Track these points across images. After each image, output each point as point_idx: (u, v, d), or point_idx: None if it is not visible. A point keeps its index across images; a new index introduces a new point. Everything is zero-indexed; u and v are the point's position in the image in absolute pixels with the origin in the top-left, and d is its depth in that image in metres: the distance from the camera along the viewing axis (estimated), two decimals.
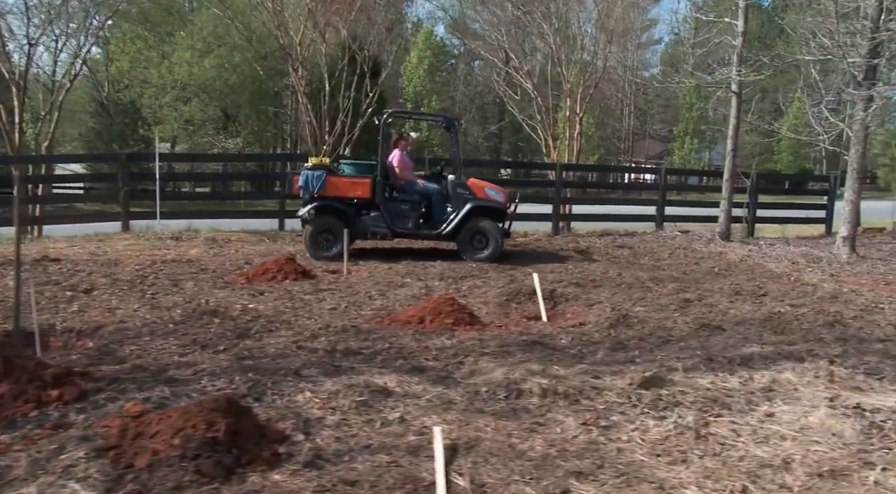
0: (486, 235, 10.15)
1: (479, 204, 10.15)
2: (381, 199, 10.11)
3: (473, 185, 10.30)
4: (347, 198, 10.11)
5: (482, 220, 10.15)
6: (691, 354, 5.37)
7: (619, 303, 7.52)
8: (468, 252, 10.19)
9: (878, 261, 11.60)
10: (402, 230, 10.28)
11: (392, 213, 10.17)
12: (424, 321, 6.37)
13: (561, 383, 4.53)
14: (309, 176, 10.03)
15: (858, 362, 5.22)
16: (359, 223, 10.11)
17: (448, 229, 10.14)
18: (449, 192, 10.24)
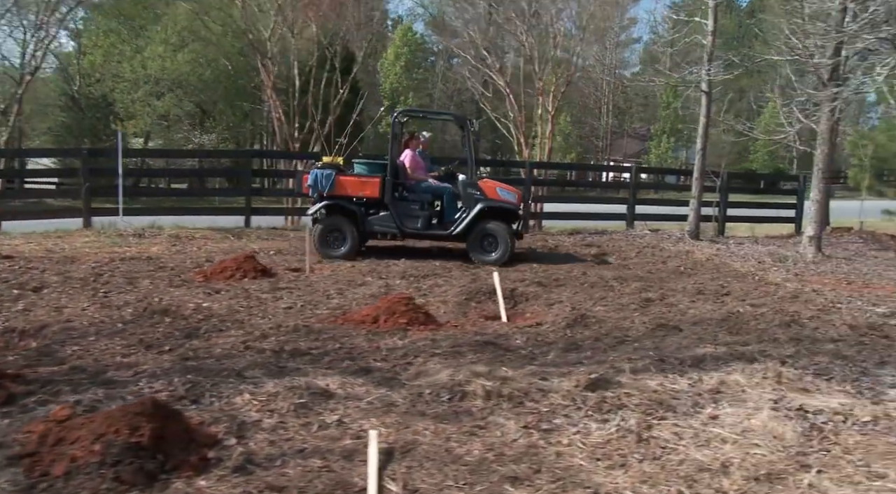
0: (496, 237, 9.90)
1: (489, 204, 9.93)
2: (391, 199, 9.95)
3: (485, 186, 10.10)
4: (357, 197, 9.98)
5: (493, 222, 9.93)
6: (644, 355, 5.33)
7: (580, 303, 7.48)
8: (477, 254, 9.96)
9: (843, 261, 11.66)
10: (412, 230, 10.08)
11: (401, 213, 10.00)
12: (378, 320, 6.27)
13: (507, 385, 4.46)
14: (318, 174, 9.94)
15: (809, 363, 5.20)
16: (368, 223, 9.99)
17: (458, 230, 9.94)
18: (460, 193, 10.05)
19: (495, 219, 9.96)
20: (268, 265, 9.23)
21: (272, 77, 15.24)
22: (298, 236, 12.14)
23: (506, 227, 9.95)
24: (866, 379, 4.93)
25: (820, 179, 11.75)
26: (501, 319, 6.90)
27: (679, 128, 37.37)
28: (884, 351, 5.68)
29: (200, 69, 26.68)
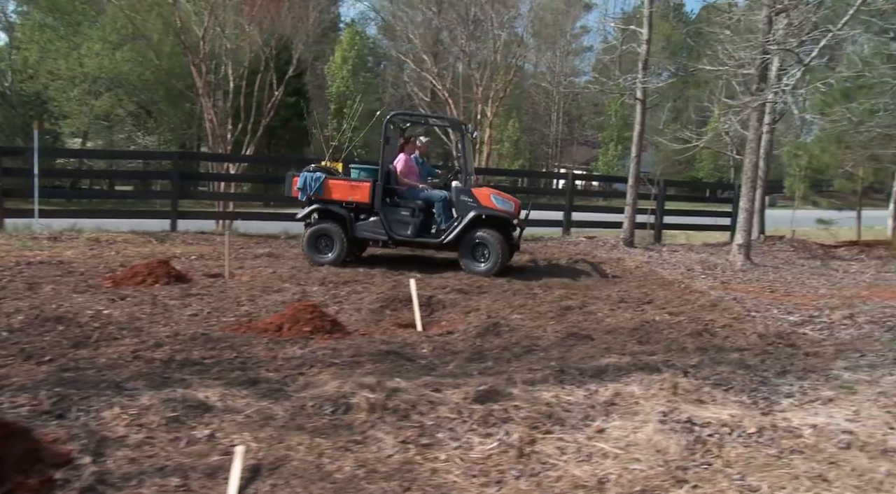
0: (488, 247, 9.54)
1: (482, 213, 9.59)
2: (381, 205, 9.68)
3: (479, 193, 9.76)
4: (346, 202, 9.73)
5: (485, 231, 9.56)
6: (546, 365, 5.21)
7: (498, 311, 7.36)
8: (468, 263, 9.62)
9: (770, 269, 11.79)
10: (401, 237, 9.76)
11: (391, 220, 9.71)
12: (282, 329, 6.06)
13: (395, 397, 4.30)
14: (307, 178, 9.69)
15: (711, 372, 5.14)
16: (356, 229, 9.72)
17: (449, 238, 9.62)
18: (453, 200, 9.74)
19: (489, 227, 9.62)
20: (185, 270, 8.95)
21: (204, 78, 14.85)
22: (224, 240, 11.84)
23: (499, 237, 9.56)
24: (764, 388, 4.89)
25: (749, 188, 11.86)
26: (417, 327, 6.77)
27: (627, 136, 37.67)
28: (787, 361, 5.67)
29: (141, 69, 25.97)
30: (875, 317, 7.49)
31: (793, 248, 15.35)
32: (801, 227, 22.12)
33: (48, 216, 11.85)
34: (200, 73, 14.66)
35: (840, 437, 3.89)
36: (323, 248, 9.81)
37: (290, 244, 12.03)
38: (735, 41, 10.67)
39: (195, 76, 14.64)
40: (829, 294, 9.57)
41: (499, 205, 9.68)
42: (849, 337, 6.72)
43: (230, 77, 15.73)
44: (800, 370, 5.41)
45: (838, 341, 6.53)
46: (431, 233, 9.83)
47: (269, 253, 10.75)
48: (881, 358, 5.80)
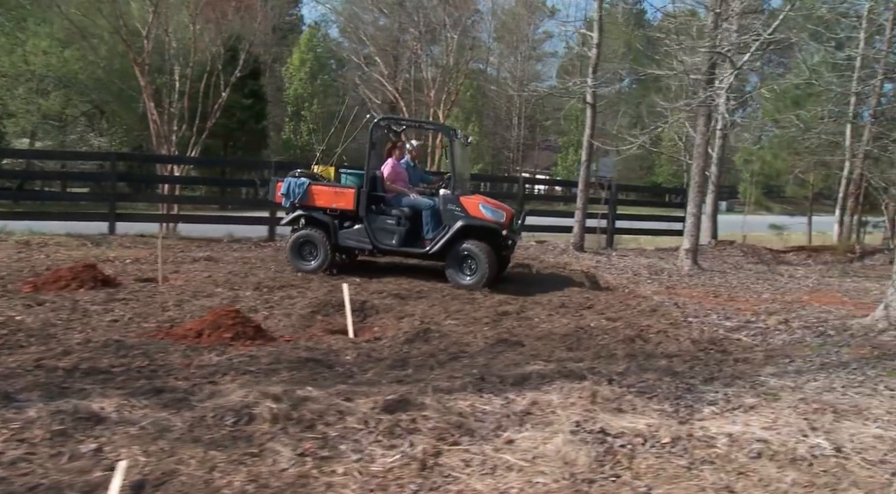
0: (475, 259, 9.04)
1: (470, 223, 9.10)
2: (365, 212, 9.31)
3: (467, 202, 9.25)
4: (330, 208, 9.39)
5: (473, 242, 9.06)
6: (468, 373, 5.07)
7: (432, 316, 7.21)
8: (454, 275, 9.13)
9: (717, 274, 11.82)
10: (386, 247, 9.37)
11: (376, 228, 9.33)
12: (202, 335, 5.84)
13: (302, 406, 4.11)
14: (291, 183, 9.36)
15: (637, 380, 5.04)
16: (340, 236, 9.37)
17: (434, 249, 9.16)
18: (440, 209, 9.30)
19: (477, 238, 9.13)
20: (116, 274, 8.66)
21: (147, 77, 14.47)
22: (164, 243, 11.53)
23: (487, 248, 9.05)
24: (689, 396, 4.80)
25: (696, 193, 11.89)
26: (348, 333, 6.59)
27: None
28: (716, 367, 5.60)
29: (92, 68, 25.27)
30: (809, 322, 7.49)
31: (742, 253, 15.47)
32: (755, 232, 22.41)
33: None
34: (143, 72, 14.28)
35: (753, 446, 3.80)
36: (307, 256, 9.49)
37: (233, 247, 11.76)
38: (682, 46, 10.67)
39: (139, 76, 14.26)
40: (771, 298, 9.60)
41: (488, 214, 9.23)
42: (781, 342, 6.69)
43: (176, 77, 15.33)
44: (727, 376, 5.34)
45: (770, 347, 6.50)
46: (417, 242, 9.37)
47: (208, 257, 10.47)
48: (808, 363, 5.76)
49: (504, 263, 9.85)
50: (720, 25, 11.16)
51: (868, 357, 5.84)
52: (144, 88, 14.34)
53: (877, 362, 5.66)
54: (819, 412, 4.44)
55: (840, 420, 4.31)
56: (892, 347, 6.04)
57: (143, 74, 14.30)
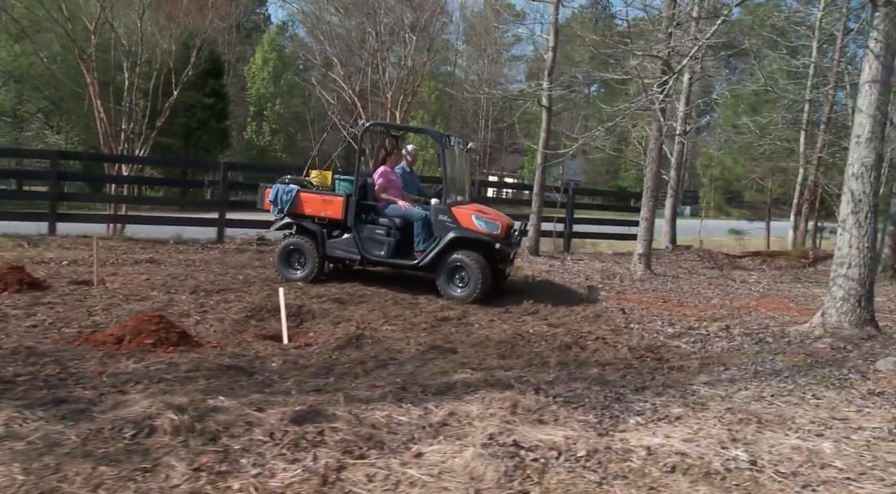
0: (467, 271, 8.62)
1: (461, 234, 8.71)
2: (354, 221, 8.96)
3: (459, 212, 8.86)
4: (318, 217, 9.06)
5: (465, 253, 8.65)
6: (392, 381, 4.92)
7: (370, 322, 7.06)
8: (446, 288, 8.70)
9: (670, 279, 11.81)
10: (375, 258, 8.99)
11: (365, 238, 8.96)
12: (123, 341, 5.62)
13: (209, 418, 3.94)
14: (280, 190, 9.06)
15: (565, 389, 4.94)
16: (328, 246, 9.03)
17: (425, 261, 8.78)
18: (431, 219, 8.92)
19: (470, 250, 8.73)
20: (48, 276, 8.39)
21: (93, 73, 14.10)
22: (107, 245, 11.24)
23: (480, 260, 8.62)
24: (617, 405, 4.70)
25: (649, 197, 11.87)
26: (283, 339, 6.42)
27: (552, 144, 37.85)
28: (649, 375, 5.51)
29: (46, 63, 24.64)
30: (750, 329, 7.46)
31: (699, 258, 15.52)
32: (716, 237, 22.61)
33: None
34: (90, 69, 13.92)
35: (669, 460, 3.70)
36: (294, 264, 9.19)
37: (178, 249, 11.49)
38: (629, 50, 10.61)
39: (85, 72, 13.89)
40: (719, 304, 9.59)
41: (481, 226, 8.81)
42: (719, 350, 6.64)
43: (125, 75, 14.98)
44: (659, 385, 5.26)
45: (707, 354, 6.44)
46: (407, 254, 9.02)
47: (150, 259, 10.21)
48: (742, 371, 5.70)
49: (501, 276, 9.45)
50: (671, 30, 11.15)
51: (801, 364, 5.80)
52: (91, 85, 13.98)
53: (808, 370, 5.61)
54: (743, 422, 4.36)
55: (763, 431, 4.23)
56: (826, 354, 6.01)
57: (90, 71, 13.94)
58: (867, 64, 6.32)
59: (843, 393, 5.03)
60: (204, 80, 29.90)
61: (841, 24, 15.09)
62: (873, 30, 6.24)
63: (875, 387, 5.15)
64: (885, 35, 6.15)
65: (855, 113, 6.69)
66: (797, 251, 16.39)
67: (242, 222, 12.63)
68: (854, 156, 6.51)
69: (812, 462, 3.76)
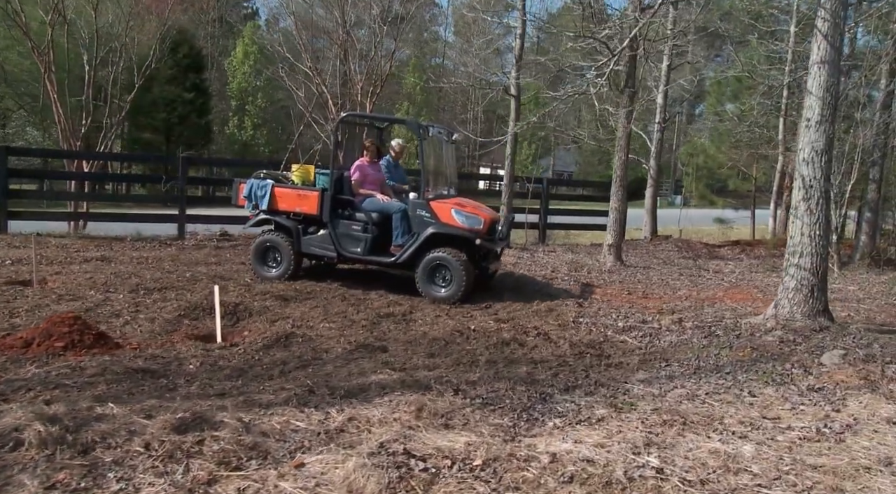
0: (449, 269, 8.16)
1: (440, 230, 8.26)
2: (330, 217, 8.61)
3: (438, 207, 8.38)
4: (294, 212, 8.74)
5: (446, 250, 8.20)
6: (303, 384, 4.66)
7: (308, 320, 6.80)
8: (427, 288, 8.24)
9: (640, 270, 11.55)
10: (351, 254, 8.58)
11: (341, 234, 8.58)
12: (31, 345, 5.36)
13: (87, 428, 3.67)
14: (254, 185, 8.76)
15: (487, 390, 4.67)
16: (304, 243, 8.70)
17: (403, 258, 8.35)
18: (409, 214, 8.49)
19: (451, 246, 8.29)
20: None
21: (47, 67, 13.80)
22: (60, 243, 10.97)
23: (461, 257, 8.16)
24: (540, 407, 4.44)
25: (618, 187, 11.60)
26: (216, 338, 6.17)
27: (542, 136, 37.58)
28: (582, 373, 5.25)
29: (22, 58, 24.26)
30: (704, 322, 7.19)
31: (676, 248, 15.26)
32: (703, 226, 22.36)
33: None
34: (44, 63, 13.62)
35: (571, 468, 3.44)
36: (270, 262, 8.87)
37: (134, 247, 11.19)
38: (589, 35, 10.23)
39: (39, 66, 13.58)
40: (685, 295, 9.33)
41: (461, 221, 8.32)
42: (667, 344, 6.37)
43: (85, 67, 14.67)
44: (592, 384, 5.00)
45: (652, 349, 6.18)
46: (385, 250, 8.62)
47: (101, 257, 9.92)
48: (683, 367, 5.44)
49: (486, 273, 9.00)
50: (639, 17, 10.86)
51: (745, 359, 5.53)
52: (46, 80, 13.67)
53: (752, 365, 5.35)
54: (667, 424, 4.10)
55: (685, 433, 3.97)
56: (773, 348, 5.73)
57: (45, 65, 13.64)
58: (815, 44, 6.05)
59: (781, 390, 4.77)
60: (184, 74, 29.56)
61: None
62: (820, 8, 5.96)
63: (815, 383, 4.89)
64: (832, 13, 5.87)
65: (805, 95, 6.42)
66: (776, 240, 16.12)
67: (205, 218, 12.36)
68: (804, 140, 6.24)
69: (727, 467, 3.51)
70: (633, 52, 11.34)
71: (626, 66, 11.34)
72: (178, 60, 29.17)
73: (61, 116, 13.86)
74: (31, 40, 13.89)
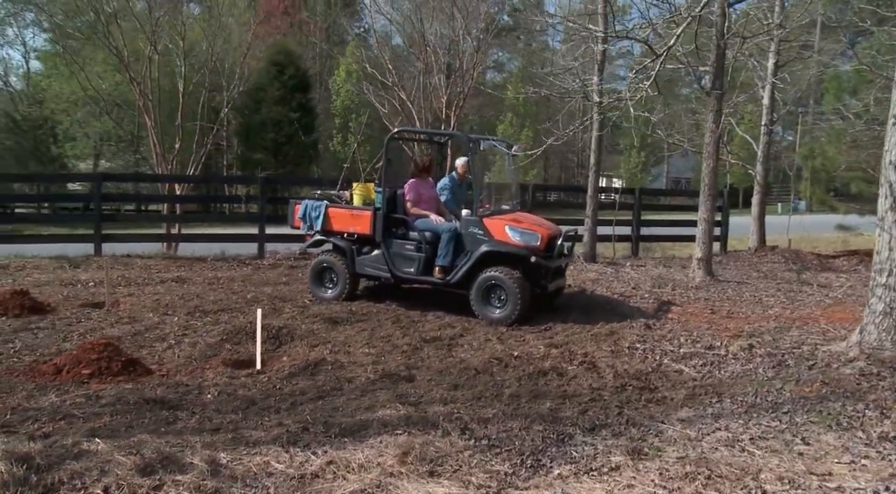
0: (504, 289, 7.75)
1: (493, 248, 7.87)
2: (382, 236, 8.45)
3: (491, 224, 8.01)
4: (348, 232, 8.70)
5: (500, 269, 7.78)
6: (301, 419, 4.42)
7: (350, 344, 6.60)
8: (482, 308, 7.85)
9: (733, 285, 10.66)
10: (404, 275, 8.36)
11: (394, 254, 8.39)
12: (62, 371, 5.43)
13: (60, 467, 3.58)
14: (308, 206, 8.85)
15: (499, 429, 4.26)
16: (358, 263, 8.59)
17: (456, 277, 8.01)
18: (461, 233, 8.17)
19: (507, 265, 7.85)
20: (64, 298, 8.49)
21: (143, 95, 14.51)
22: (144, 263, 11.36)
23: (516, 277, 7.72)
24: (553, 450, 3.99)
25: (707, 196, 10.76)
26: (256, 364, 6.09)
27: (651, 143, 36.04)
28: (616, 410, 4.73)
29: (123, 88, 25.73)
30: (779, 348, 6.41)
31: (783, 259, 14.10)
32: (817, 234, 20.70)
33: None
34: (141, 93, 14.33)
35: None
36: (326, 283, 8.80)
37: (213, 267, 11.43)
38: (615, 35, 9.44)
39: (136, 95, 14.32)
40: (776, 315, 8.48)
41: (515, 238, 7.90)
42: (727, 374, 5.70)
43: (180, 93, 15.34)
44: (622, 423, 4.48)
45: (708, 381, 5.53)
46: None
47: (177, 278, 10.16)
48: (736, 404, 4.80)
49: (547, 292, 8.32)
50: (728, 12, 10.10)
51: (810, 396, 4.82)
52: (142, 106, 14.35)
53: (817, 403, 4.64)
54: (688, 478, 3.55)
55: (705, 491, 3.43)
56: (848, 383, 4.97)
57: (142, 94, 14.33)
58: None
59: (844, 437, 4.09)
60: (291, 95, 30.58)
61: None
62: None
63: (891, 430, 4.15)
64: None
65: (893, 89, 5.61)
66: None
67: (285, 237, 12.49)
68: (892, 141, 5.44)
69: None
70: (721, 51, 10.55)
71: (712, 66, 10.54)
72: (284, 82, 30.26)
73: (156, 142, 14.53)
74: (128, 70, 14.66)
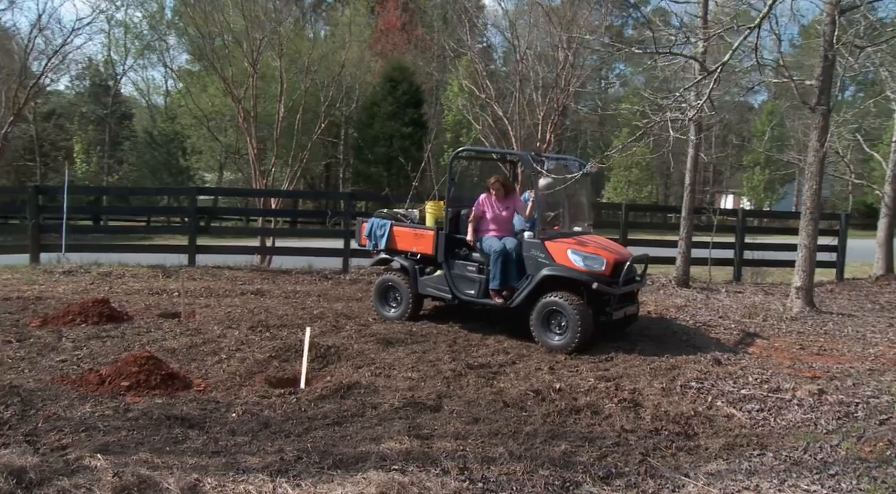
0: (565, 315, 7.44)
1: (554, 272, 7.58)
2: (444, 257, 8.37)
3: (553, 247, 7.70)
4: (411, 252, 8.66)
5: (561, 295, 7.51)
6: (302, 446, 4.33)
7: (395, 366, 6.48)
8: (542, 334, 7.58)
9: (834, 318, 9.77)
10: (465, 297, 8.23)
11: (456, 275, 8.29)
12: (104, 382, 5.61)
13: (49, 483, 3.67)
14: (374, 224, 8.90)
15: (500, 472, 4.02)
16: (420, 283, 8.56)
17: (516, 302, 7.80)
18: (523, 255, 7.89)
19: (568, 290, 7.58)
20: (146, 307, 8.88)
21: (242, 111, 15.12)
22: (231, 275, 11.74)
23: (577, 303, 7.41)
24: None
25: (809, 220, 9.94)
26: (301, 383, 6.11)
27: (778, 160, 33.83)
28: (639, 457, 4.34)
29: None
30: (856, 396, 5.73)
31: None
32: None
33: (77, 250, 12.28)
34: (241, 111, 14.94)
35: None
36: (391, 302, 8.82)
37: (296, 280, 11.67)
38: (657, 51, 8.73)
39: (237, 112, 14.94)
40: (876, 354, 7.68)
41: (577, 262, 7.55)
42: (784, 423, 5.13)
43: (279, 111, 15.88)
44: (640, 473, 4.11)
45: (759, 430, 5.00)
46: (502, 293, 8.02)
47: (256, 290, 10.42)
48: (779, 460, 4.30)
49: (611, 321, 7.80)
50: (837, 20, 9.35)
51: (869, 458, 4.24)
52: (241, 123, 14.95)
53: (874, 467, 4.08)
54: None
55: None
56: None
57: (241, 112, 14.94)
58: None
59: None
60: (403, 110, 31.16)
61: None
62: None
63: None
64: None
65: None
66: None
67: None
68: None
69: None
70: (828, 62, 9.76)
71: (818, 80, 9.76)
72: (397, 97, 30.91)
73: (253, 158, 15.10)
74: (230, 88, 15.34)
